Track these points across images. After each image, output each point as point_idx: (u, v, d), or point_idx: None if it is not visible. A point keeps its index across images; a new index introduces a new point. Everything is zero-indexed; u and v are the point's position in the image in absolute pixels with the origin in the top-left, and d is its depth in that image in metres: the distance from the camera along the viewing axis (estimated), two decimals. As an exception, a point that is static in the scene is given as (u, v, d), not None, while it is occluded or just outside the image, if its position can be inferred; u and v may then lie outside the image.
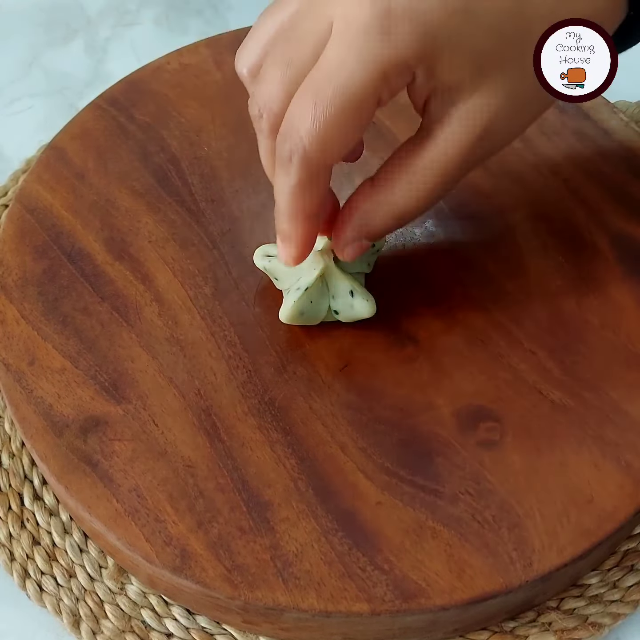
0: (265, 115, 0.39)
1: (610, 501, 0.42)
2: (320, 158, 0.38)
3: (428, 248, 0.50)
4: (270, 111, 0.39)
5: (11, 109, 0.64)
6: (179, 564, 0.40)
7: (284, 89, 0.38)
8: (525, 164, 0.53)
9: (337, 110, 0.36)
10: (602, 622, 0.44)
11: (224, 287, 0.48)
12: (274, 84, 0.38)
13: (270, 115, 0.39)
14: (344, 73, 0.36)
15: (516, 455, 0.43)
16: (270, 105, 0.39)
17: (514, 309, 0.47)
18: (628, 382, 0.45)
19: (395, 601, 0.40)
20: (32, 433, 0.44)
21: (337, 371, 0.46)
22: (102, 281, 0.48)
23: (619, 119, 0.54)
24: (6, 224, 0.51)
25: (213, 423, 0.44)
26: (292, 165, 0.38)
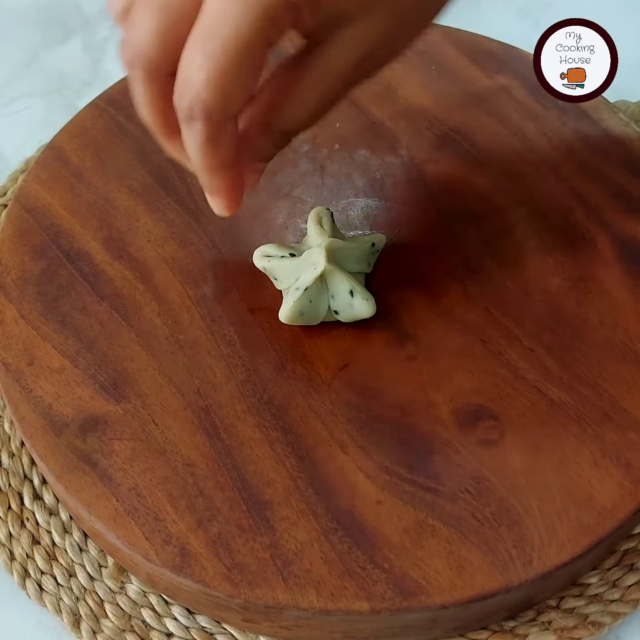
0: (141, 62, 0.37)
1: (610, 499, 0.42)
2: (221, 109, 0.37)
3: (428, 247, 0.50)
4: (145, 57, 0.37)
5: (10, 108, 0.64)
6: (178, 563, 0.40)
7: (159, 36, 0.37)
8: (525, 163, 0.53)
9: (229, 59, 0.36)
10: (601, 621, 0.44)
11: (224, 287, 0.48)
12: (147, 29, 0.37)
13: (145, 62, 0.37)
14: (230, 23, 0.35)
15: (516, 453, 0.43)
16: (144, 51, 0.37)
17: (513, 308, 0.47)
18: (627, 380, 0.45)
19: (395, 599, 0.40)
20: (32, 432, 0.44)
21: (337, 370, 0.46)
22: (101, 281, 0.48)
23: (619, 118, 0.54)
24: (5, 224, 0.51)
25: (212, 422, 0.44)
26: (196, 121, 0.37)
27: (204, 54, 0.36)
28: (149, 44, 0.37)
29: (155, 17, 0.37)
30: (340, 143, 0.53)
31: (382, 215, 0.51)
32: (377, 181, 0.52)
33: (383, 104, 0.55)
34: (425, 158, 0.53)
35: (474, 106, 0.55)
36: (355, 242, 0.47)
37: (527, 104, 0.55)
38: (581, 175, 0.52)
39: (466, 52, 0.57)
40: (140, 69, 0.38)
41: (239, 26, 0.36)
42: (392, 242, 0.49)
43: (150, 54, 0.37)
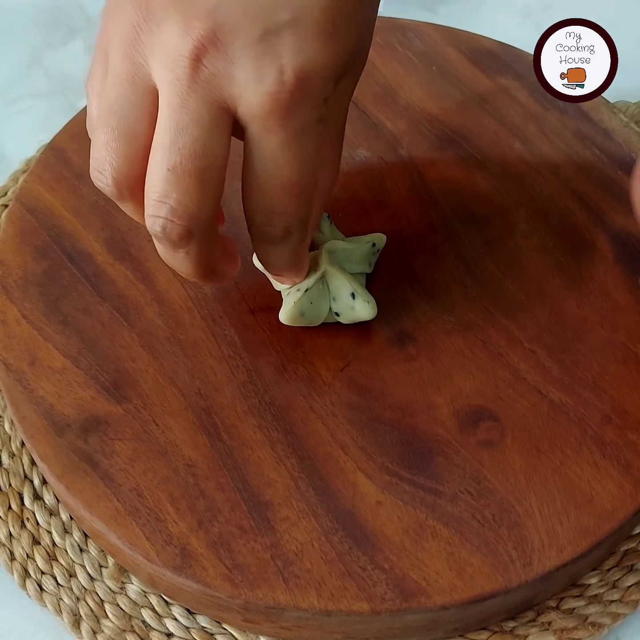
0: (108, 188, 0.39)
1: (610, 500, 0.42)
2: (198, 223, 0.38)
3: (428, 248, 0.50)
4: (112, 179, 0.38)
5: (11, 109, 0.64)
6: (179, 563, 0.41)
7: (119, 162, 0.38)
8: (524, 164, 0.53)
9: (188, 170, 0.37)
10: (601, 622, 0.44)
11: (225, 287, 0.48)
12: (100, 150, 0.38)
13: (112, 186, 0.39)
14: (183, 133, 0.36)
15: (516, 454, 0.43)
16: (108, 178, 0.38)
17: (513, 309, 0.47)
18: (627, 381, 0.45)
19: (396, 600, 0.40)
20: (33, 433, 0.44)
21: (337, 371, 0.46)
22: (102, 281, 0.48)
23: (619, 119, 0.54)
24: (6, 224, 0.51)
25: (213, 423, 0.44)
26: (184, 245, 0.38)
27: (164, 172, 0.37)
28: (111, 171, 0.38)
29: (116, 139, 0.38)
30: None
31: (382, 216, 0.51)
32: (378, 182, 0.52)
33: (384, 105, 0.55)
34: (426, 159, 0.53)
35: (475, 107, 0.55)
36: (355, 243, 0.47)
37: (528, 105, 0.55)
38: (581, 177, 0.52)
39: (467, 53, 0.57)
40: (113, 188, 0.39)
41: (197, 142, 0.36)
42: (392, 242, 0.49)
43: (116, 175, 0.38)
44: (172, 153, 0.36)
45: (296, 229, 0.40)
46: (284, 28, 0.36)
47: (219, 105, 0.36)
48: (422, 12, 0.68)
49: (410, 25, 0.59)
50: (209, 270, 0.41)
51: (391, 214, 0.51)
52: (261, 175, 0.38)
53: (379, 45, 0.57)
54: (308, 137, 0.38)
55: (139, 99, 0.37)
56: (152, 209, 0.37)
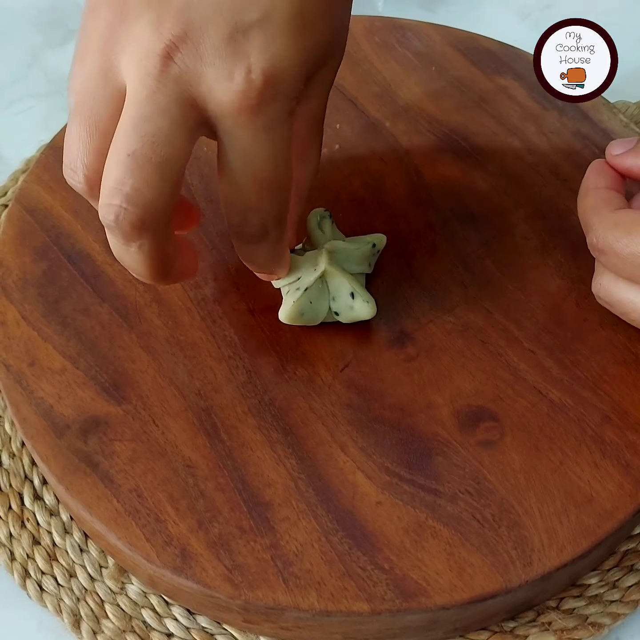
0: (79, 179, 0.39)
1: (610, 500, 0.42)
2: (153, 213, 0.37)
3: (427, 248, 0.50)
4: (81, 175, 0.39)
5: (11, 109, 0.64)
6: (179, 564, 0.41)
7: (89, 153, 0.38)
8: (524, 164, 0.53)
9: (143, 164, 0.36)
10: (601, 622, 0.44)
11: (224, 288, 0.48)
12: (72, 145, 0.38)
13: (85, 180, 0.39)
14: (150, 127, 0.36)
15: (516, 454, 0.43)
16: (82, 171, 0.39)
17: (513, 309, 0.47)
18: (627, 382, 0.45)
19: (396, 600, 0.40)
20: (33, 434, 0.44)
21: (337, 371, 0.46)
22: (102, 282, 0.48)
23: (619, 119, 0.54)
24: (6, 225, 0.51)
25: (213, 423, 0.44)
26: (136, 237, 0.37)
27: (123, 158, 0.36)
28: (82, 168, 0.38)
29: (86, 134, 0.38)
30: (340, 143, 0.53)
31: (381, 216, 0.51)
32: (377, 182, 0.52)
33: (383, 105, 0.55)
34: (425, 159, 0.53)
35: (474, 107, 0.55)
36: (355, 243, 0.47)
37: (527, 105, 0.55)
38: (581, 176, 0.52)
39: (466, 53, 0.57)
40: (84, 185, 0.39)
41: (150, 128, 0.36)
42: (392, 242, 0.49)
43: (85, 176, 0.38)
44: (134, 139, 0.36)
45: (272, 226, 0.40)
46: (253, 27, 0.36)
47: (187, 101, 0.36)
48: (421, 12, 0.68)
49: (409, 25, 0.59)
50: (163, 269, 0.39)
51: (390, 214, 0.51)
52: (234, 172, 0.38)
53: (378, 45, 0.57)
54: (279, 132, 0.38)
55: (110, 95, 0.37)
56: (106, 196, 0.36)
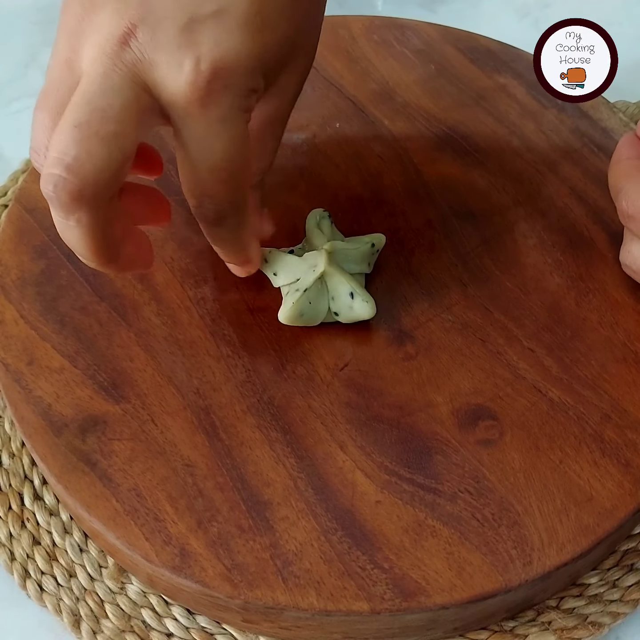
0: (42, 162, 0.38)
1: (610, 499, 0.42)
2: (93, 186, 0.36)
3: (426, 245, 0.50)
4: (44, 157, 0.38)
5: (10, 109, 0.64)
6: (178, 563, 0.40)
7: (46, 133, 0.38)
8: (523, 162, 0.53)
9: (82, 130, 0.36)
10: (601, 621, 0.44)
11: (223, 287, 0.48)
12: (37, 128, 0.38)
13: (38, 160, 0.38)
14: (102, 101, 0.36)
15: (515, 453, 0.43)
16: (42, 151, 0.38)
17: (512, 307, 0.47)
18: (627, 380, 0.45)
19: (395, 600, 0.40)
20: (31, 433, 0.44)
21: (336, 370, 0.46)
22: (100, 281, 0.48)
23: (619, 119, 0.54)
24: (5, 224, 0.51)
25: (212, 422, 0.44)
26: (74, 208, 0.36)
27: (69, 128, 0.36)
28: (45, 152, 0.37)
29: (49, 125, 0.37)
30: (338, 141, 0.53)
31: (380, 214, 0.51)
32: (375, 180, 0.52)
33: (381, 103, 0.55)
34: (424, 157, 0.53)
35: (473, 105, 0.55)
36: (355, 243, 0.47)
37: (526, 103, 0.55)
38: (580, 175, 0.52)
39: (465, 52, 0.57)
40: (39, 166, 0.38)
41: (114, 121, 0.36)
42: (390, 240, 0.49)
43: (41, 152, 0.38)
44: (83, 112, 0.36)
45: (229, 213, 0.41)
46: (209, 18, 0.36)
47: (141, 86, 0.36)
48: (421, 11, 0.68)
49: (408, 23, 0.59)
50: (103, 250, 0.38)
51: (389, 212, 0.51)
52: (189, 159, 0.38)
53: (377, 43, 0.57)
54: (232, 125, 0.38)
55: (72, 83, 0.37)
56: (48, 166, 0.36)
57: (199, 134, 0.38)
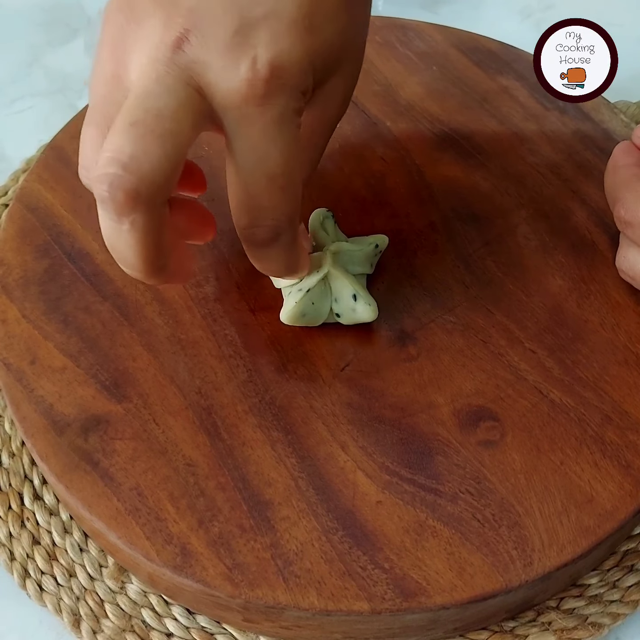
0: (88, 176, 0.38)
1: (611, 500, 0.42)
2: (149, 186, 0.35)
3: (429, 247, 0.50)
4: (88, 173, 0.38)
5: (12, 108, 0.64)
6: (179, 563, 0.40)
7: (95, 148, 0.38)
8: (525, 164, 0.53)
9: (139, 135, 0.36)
10: (601, 622, 0.44)
11: (225, 287, 0.48)
12: (86, 145, 0.38)
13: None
14: (157, 102, 0.36)
15: (516, 454, 0.43)
16: (87, 167, 0.38)
17: (514, 309, 0.47)
18: (628, 382, 0.45)
19: (396, 600, 0.40)
20: (33, 432, 0.44)
21: (338, 370, 0.46)
22: (102, 280, 0.48)
23: (619, 119, 0.54)
24: (7, 224, 0.51)
25: (214, 422, 0.44)
26: (129, 210, 0.35)
27: (125, 127, 0.35)
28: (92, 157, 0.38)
29: (99, 142, 0.37)
30: (340, 143, 0.53)
31: (382, 215, 0.51)
32: (378, 181, 0.52)
33: (384, 105, 0.55)
34: (426, 158, 0.53)
35: (475, 107, 0.55)
36: (358, 244, 0.47)
37: (528, 105, 0.55)
38: (582, 177, 0.52)
39: (467, 53, 0.57)
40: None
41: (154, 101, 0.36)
42: (393, 242, 0.49)
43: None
44: (139, 111, 0.35)
45: (285, 227, 0.39)
46: (260, 21, 0.36)
47: (194, 88, 0.36)
48: (422, 12, 0.68)
49: (410, 24, 0.59)
50: (155, 258, 0.37)
51: (391, 214, 0.51)
52: (244, 168, 0.37)
53: (379, 44, 0.57)
54: (287, 127, 0.37)
55: (121, 97, 0.37)
56: (102, 166, 0.35)
57: (254, 139, 0.37)
